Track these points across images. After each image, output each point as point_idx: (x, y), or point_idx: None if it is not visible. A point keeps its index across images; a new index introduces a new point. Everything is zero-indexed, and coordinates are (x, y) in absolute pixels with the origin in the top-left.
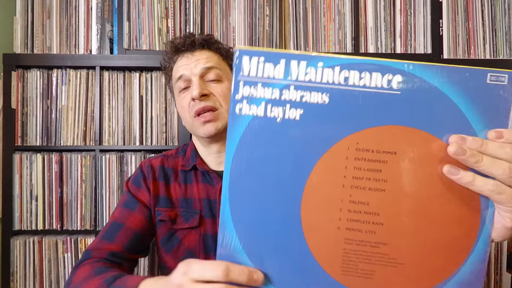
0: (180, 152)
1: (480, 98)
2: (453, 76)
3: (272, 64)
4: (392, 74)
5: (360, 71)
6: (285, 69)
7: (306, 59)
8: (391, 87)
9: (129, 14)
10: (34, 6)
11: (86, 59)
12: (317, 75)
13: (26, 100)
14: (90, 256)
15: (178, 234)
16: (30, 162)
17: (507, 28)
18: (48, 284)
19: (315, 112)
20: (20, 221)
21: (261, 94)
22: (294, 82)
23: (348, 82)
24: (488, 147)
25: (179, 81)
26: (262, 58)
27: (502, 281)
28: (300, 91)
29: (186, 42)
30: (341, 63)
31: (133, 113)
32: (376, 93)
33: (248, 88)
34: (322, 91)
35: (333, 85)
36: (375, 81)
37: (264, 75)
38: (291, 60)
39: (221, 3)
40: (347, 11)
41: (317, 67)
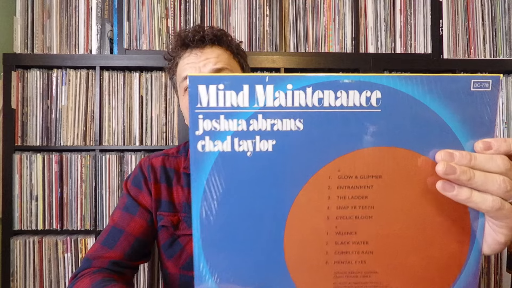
0: (182, 151)
1: (464, 107)
2: (435, 86)
3: (234, 92)
4: (370, 91)
5: (335, 90)
6: (250, 96)
7: (273, 82)
8: (370, 104)
9: (129, 14)
10: (34, 6)
11: (86, 59)
12: (288, 99)
13: (26, 100)
14: (90, 265)
15: (180, 240)
16: (30, 162)
17: (507, 28)
18: (48, 284)
19: (289, 141)
20: (20, 221)
21: (226, 127)
22: (262, 109)
23: (323, 104)
24: (478, 161)
25: (185, 80)
26: (222, 85)
27: (502, 281)
28: (270, 119)
29: (196, 37)
30: (313, 82)
31: (133, 113)
32: (355, 113)
33: (209, 121)
34: (295, 117)
35: (306, 108)
36: (352, 99)
37: (226, 104)
38: (255, 85)
39: (221, 3)
40: (347, 11)
41: (286, 90)
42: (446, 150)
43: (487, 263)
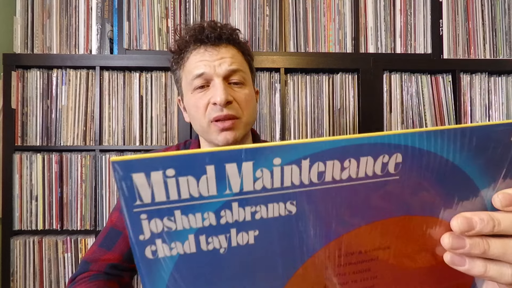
0: (182, 149)
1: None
2: (468, 139)
3: (192, 177)
4: (388, 155)
5: (342, 159)
6: (217, 181)
7: (252, 157)
8: (387, 172)
9: (129, 14)
10: (34, 6)
11: (86, 59)
12: (275, 178)
13: (26, 100)
14: (88, 269)
15: None
16: (30, 162)
17: (507, 28)
18: (48, 284)
19: (278, 228)
20: (20, 221)
21: (185, 225)
22: (238, 195)
23: (325, 179)
24: (502, 227)
25: (197, 78)
26: (172, 170)
27: None
28: (250, 206)
29: (213, 35)
30: (311, 153)
31: (133, 113)
32: (366, 185)
33: (158, 221)
34: (285, 200)
35: (301, 187)
36: (364, 169)
37: (183, 195)
38: (225, 165)
39: (221, 3)
40: (347, 11)
41: (272, 166)
42: (463, 215)
43: None
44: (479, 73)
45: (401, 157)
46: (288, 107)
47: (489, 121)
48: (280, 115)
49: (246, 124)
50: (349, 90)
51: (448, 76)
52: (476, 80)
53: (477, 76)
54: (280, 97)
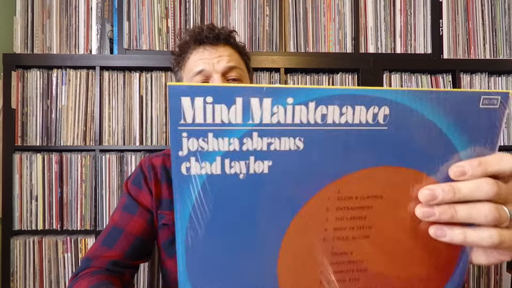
0: None
1: (471, 124)
2: (444, 102)
3: (224, 106)
4: (377, 106)
5: (341, 105)
6: (243, 111)
7: (271, 94)
8: (377, 122)
9: (129, 14)
10: (34, 6)
11: (86, 59)
12: (287, 115)
13: (26, 100)
14: (90, 265)
15: None
16: (30, 162)
17: (507, 28)
18: (48, 284)
19: (288, 161)
20: (20, 221)
21: (215, 147)
22: (257, 127)
23: (327, 121)
24: (462, 193)
25: (197, 75)
26: (210, 97)
27: (502, 281)
28: (266, 138)
29: (211, 35)
30: (317, 97)
31: (133, 113)
32: (360, 131)
33: (195, 140)
34: (295, 135)
35: (308, 126)
36: (358, 116)
37: (216, 120)
38: (250, 98)
39: (221, 3)
40: (347, 11)
41: (286, 104)
42: (427, 187)
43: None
44: (479, 73)
45: (388, 109)
46: None
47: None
48: None
49: None
50: None
51: (448, 76)
52: (476, 80)
53: (477, 76)
54: None
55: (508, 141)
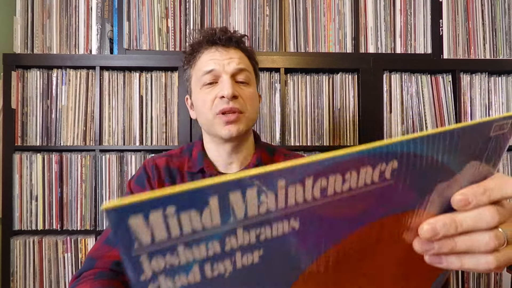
0: (185, 152)
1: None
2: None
3: (195, 211)
4: (385, 163)
5: (344, 172)
6: (221, 210)
7: (256, 184)
8: (384, 178)
9: (129, 14)
10: (34, 6)
11: (86, 59)
12: (279, 200)
13: (26, 100)
14: (93, 266)
15: None
16: (30, 162)
17: (507, 28)
18: (48, 284)
19: (281, 245)
20: (20, 221)
21: (189, 258)
22: (242, 222)
23: (327, 194)
24: (465, 226)
25: (207, 75)
26: (172, 207)
27: (502, 281)
28: (254, 230)
29: (223, 37)
30: (314, 171)
31: (133, 113)
32: (363, 193)
33: (160, 259)
34: (289, 218)
35: (304, 205)
36: (363, 179)
37: (185, 231)
38: (229, 194)
39: (221, 3)
40: (347, 11)
41: (276, 189)
42: (428, 222)
43: None
44: (479, 73)
45: (397, 163)
46: (288, 107)
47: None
48: (280, 115)
49: (249, 119)
50: (349, 90)
51: (448, 76)
52: (476, 80)
53: (477, 76)
54: (280, 97)
55: None
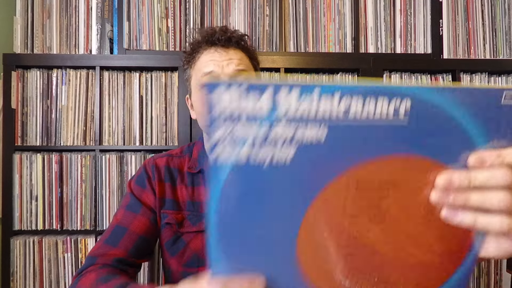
0: (186, 152)
1: (491, 120)
2: (466, 98)
3: (257, 94)
4: (400, 99)
5: (364, 96)
6: (273, 101)
7: (299, 86)
8: (398, 116)
9: (129, 14)
10: (34, 6)
11: (86, 59)
12: (313, 106)
13: (26, 100)
14: (95, 262)
15: (184, 238)
16: (30, 162)
17: (507, 28)
18: (48, 284)
19: (309, 151)
20: (20, 221)
21: (244, 133)
22: (284, 116)
23: (349, 114)
24: (478, 181)
25: (206, 76)
26: (243, 88)
27: (502, 281)
28: (291, 127)
29: (223, 37)
30: (342, 89)
31: (133, 113)
32: (380, 125)
33: (228, 126)
34: (318, 126)
35: (331, 118)
36: (380, 108)
37: (247, 109)
38: (280, 88)
39: (221, 3)
40: (347, 11)
41: (312, 94)
42: (444, 173)
43: (487, 263)
44: (479, 73)
45: (410, 103)
46: None
47: None
48: None
49: None
50: None
51: (448, 76)
52: (476, 80)
53: (477, 76)
54: None
55: None
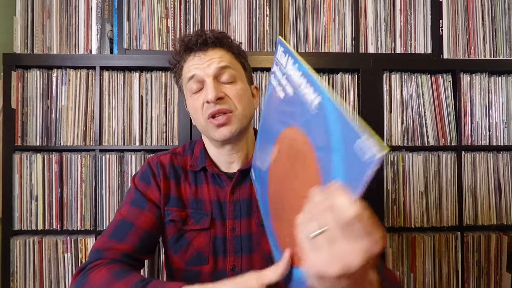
0: (188, 150)
1: (349, 161)
2: (342, 124)
3: (284, 55)
4: (318, 94)
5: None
6: (286, 61)
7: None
8: (312, 105)
9: (129, 14)
10: (34, 6)
11: (86, 59)
12: (293, 71)
13: (26, 100)
14: (102, 257)
15: (187, 235)
16: (30, 162)
17: (507, 28)
18: (48, 284)
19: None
20: (20, 221)
21: (279, 73)
22: (287, 72)
23: (300, 87)
24: (310, 211)
25: (190, 81)
26: (282, 49)
27: (502, 281)
28: (287, 80)
29: (199, 41)
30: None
31: (133, 113)
32: (303, 105)
33: (276, 66)
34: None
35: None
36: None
37: (282, 62)
38: (289, 56)
39: (221, 3)
40: (347, 11)
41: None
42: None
43: (487, 263)
44: (479, 73)
45: (320, 100)
46: None
47: None
48: None
49: (242, 117)
50: (349, 90)
51: (448, 76)
52: (476, 80)
53: (477, 76)
54: None
55: (508, 141)
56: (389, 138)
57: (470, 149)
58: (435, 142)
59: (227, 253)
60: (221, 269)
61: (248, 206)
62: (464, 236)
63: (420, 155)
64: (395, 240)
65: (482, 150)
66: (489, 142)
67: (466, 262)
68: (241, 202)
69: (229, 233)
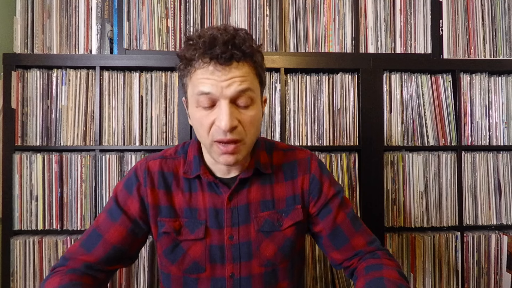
0: (180, 153)
1: None
2: None
3: None
4: None
5: None
6: None
7: None
8: None
9: (129, 14)
10: (34, 6)
11: (86, 59)
12: None
13: (26, 100)
14: (65, 264)
15: (183, 245)
16: (30, 162)
17: (507, 28)
18: None
19: None
20: (20, 221)
21: None
22: None
23: None
24: None
25: (202, 96)
26: None
27: (502, 281)
28: None
29: (224, 55)
30: None
31: (133, 113)
32: None
33: None
34: None
35: None
36: None
37: None
38: None
39: (221, 3)
40: (347, 11)
41: None
42: None
43: (487, 263)
44: (479, 73)
45: None
46: (288, 107)
47: None
48: (280, 115)
49: (250, 144)
50: (349, 90)
51: (448, 76)
52: (476, 80)
53: (477, 76)
54: (280, 97)
55: (508, 141)
56: (389, 138)
57: (470, 149)
58: (435, 142)
59: (225, 260)
60: (219, 276)
61: (246, 213)
62: (464, 236)
63: (420, 155)
64: (395, 240)
65: (482, 150)
66: (489, 142)
67: (466, 262)
68: (238, 208)
69: (227, 241)
